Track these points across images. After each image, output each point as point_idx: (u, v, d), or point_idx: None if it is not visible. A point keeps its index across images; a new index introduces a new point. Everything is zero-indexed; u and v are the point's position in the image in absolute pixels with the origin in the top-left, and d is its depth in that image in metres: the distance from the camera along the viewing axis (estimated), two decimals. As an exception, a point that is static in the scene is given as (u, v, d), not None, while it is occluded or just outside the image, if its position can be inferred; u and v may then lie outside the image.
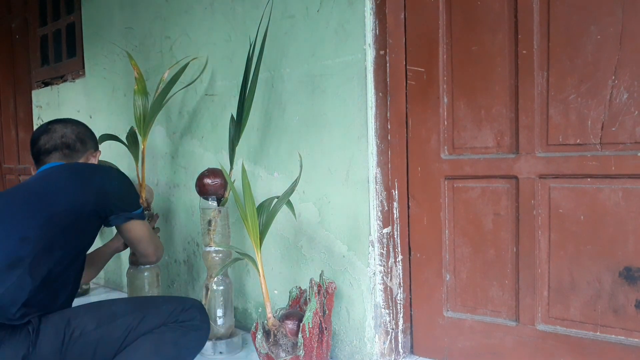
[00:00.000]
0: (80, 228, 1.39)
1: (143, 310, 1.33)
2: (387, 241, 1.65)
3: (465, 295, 1.62)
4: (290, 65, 1.78)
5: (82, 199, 1.40)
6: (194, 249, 2.28)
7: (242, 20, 1.94)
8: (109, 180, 1.48)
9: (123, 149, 2.24)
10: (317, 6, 1.68)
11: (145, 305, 1.36)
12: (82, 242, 1.43)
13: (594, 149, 1.38)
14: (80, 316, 1.26)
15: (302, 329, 1.47)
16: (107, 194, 1.44)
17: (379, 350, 1.63)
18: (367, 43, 1.57)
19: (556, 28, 1.40)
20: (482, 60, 1.52)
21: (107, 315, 1.29)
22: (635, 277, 1.35)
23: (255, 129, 1.92)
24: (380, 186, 1.62)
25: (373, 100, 1.59)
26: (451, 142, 1.61)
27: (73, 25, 3.05)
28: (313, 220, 1.75)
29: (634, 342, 1.36)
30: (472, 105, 1.55)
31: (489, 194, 1.55)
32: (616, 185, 1.35)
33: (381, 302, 1.63)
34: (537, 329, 1.50)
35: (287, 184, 1.68)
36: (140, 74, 2.02)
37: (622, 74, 1.32)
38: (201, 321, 1.40)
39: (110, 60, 2.66)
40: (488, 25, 1.51)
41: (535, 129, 1.45)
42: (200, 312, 1.41)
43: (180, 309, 1.36)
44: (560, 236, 1.45)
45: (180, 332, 1.34)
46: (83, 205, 1.39)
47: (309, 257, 1.78)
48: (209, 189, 1.80)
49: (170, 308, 1.35)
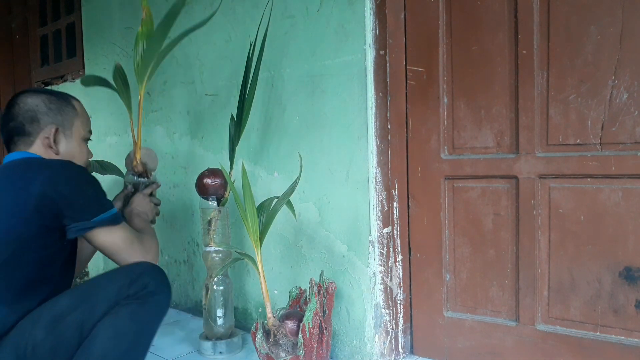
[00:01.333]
0: (27, 261, 1.15)
1: (89, 299, 1.17)
2: (387, 241, 1.65)
3: (465, 295, 1.62)
4: (290, 65, 1.78)
5: (18, 220, 1.12)
6: (194, 249, 2.28)
7: (242, 20, 1.94)
8: (51, 185, 1.14)
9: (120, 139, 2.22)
10: (317, 6, 1.68)
11: (90, 292, 1.20)
12: (39, 278, 1.17)
13: (594, 149, 1.38)
14: (28, 331, 1.13)
15: (302, 329, 1.46)
16: (53, 203, 1.13)
17: (379, 350, 1.63)
18: (367, 43, 1.57)
19: (556, 28, 1.40)
20: (482, 60, 1.52)
21: (52, 319, 1.14)
22: (635, 277, 1.35)
23: (255, 129, 1.92)
24: (380, 186, 1.62)
25: (373, 100, 1.59)
26: (451, 142, 1.61)
27: (73, 25, 3.05)
28: (313, 220, 1.75)
29: (634, 342, 1.36)
30: (472, 105, 1.55)
31: (489, 194, 1.55)
32: (616, 185, 1.35)
33: (381, 302, 1.63)
34: (537, 329, 1.50)
35: (287, 184, 1.68)
36: (149, 15, 1.60)
37: (622, 74, 1.32)
38: (156, 285, 1.22)
39: (110, 60, 2.66)
40: (488, 25, 1.51)
41: (535, 129, 1.45)
42: (152, 277, 1.22)
43: (129, 282, 1.19)
44: (560, 236, 1.45)
45: (136, 304, 1.18)
46: (23, 229, 1.13)
47: (309, 257, 1.78)
48: (209, 189, 1.80)
49: (117, 285, 1.19)
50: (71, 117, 1.30)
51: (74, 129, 1.30)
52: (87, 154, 1.36)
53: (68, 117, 1.29)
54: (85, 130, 1.34)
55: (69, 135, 1.29)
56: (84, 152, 1.35)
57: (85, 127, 1.35)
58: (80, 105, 1.35)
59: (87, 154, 1.36)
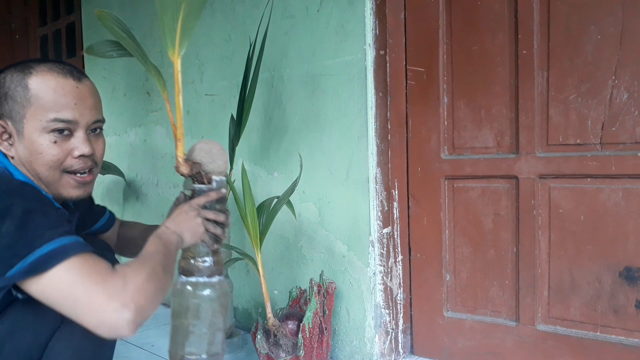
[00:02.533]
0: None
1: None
2: (387, 241, 1.65)
3: (465, 295, 1.62)
4: (290, 65, 1.78)
5: None
6: (194, 249, 2.28)
7: (242, 20, 1.94)
8: None
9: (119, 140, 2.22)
10: (317, 6, 1.68)
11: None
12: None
13: (594, 149, 1.38)
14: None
15: (302, 329, 1.46)
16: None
17: (379, 351, 1.63)
18: (367, 43, 1.57)
19: (556, 28, 1.40)
20: (482, 60, 1.52)
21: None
22: (635, 277, 1.35)
23: (255, 129, 1.92)
24: (380, 186, 1.62)
25: (373, 100, 1.59)
26: (451, 142, 1.61)
27: (73, 25, 3.05)
28: (313, 220, 1.75)
29: (634, 342, 1.36)
30: (472, 105, 1.55)
31: (489, 194, 1.55)
32: (616, 185, 1.35)
33: (381, 302, 1.63)
34: (537, 329, 1.50)
35: (287, 184, 1.68)
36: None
37: (622, 74, 1.32)
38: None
39: (110, 60, 2.66)
40: (488, 25, 1.50)
41: (536, 129, 1.45)
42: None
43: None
44: (560, 236, 1.45)
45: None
46: None
47: (309, 257, 1.78)
48: (209, 189, 1.79)
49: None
50: (20, 105, 0.90)
51: (25, 121, 0.90)
52: (54, 151, 0.92)
53: (16, 106, 0.90)
54: (46, 116, 0.90)
55: (20, 130, 0.91)
56: (45, 149, 0.91)
57: (47, 111, 0.90)
58: (42, 79, 0.91)
59: (54, 151, 0.92)
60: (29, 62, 0.93)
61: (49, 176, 0.93)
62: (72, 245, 0.81)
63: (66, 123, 0.92)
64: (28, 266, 0.79)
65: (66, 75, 0.93)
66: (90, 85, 0.97)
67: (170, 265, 0.91)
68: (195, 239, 0.99)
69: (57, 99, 0.91)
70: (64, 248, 0.80)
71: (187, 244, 0.98)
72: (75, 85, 0.93)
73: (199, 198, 1.02)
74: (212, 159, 1.05)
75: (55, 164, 0.93)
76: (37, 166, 0.92)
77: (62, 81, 0.92)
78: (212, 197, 1.03)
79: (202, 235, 1.00)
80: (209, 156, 1.05)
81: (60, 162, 0.93)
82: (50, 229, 0.81)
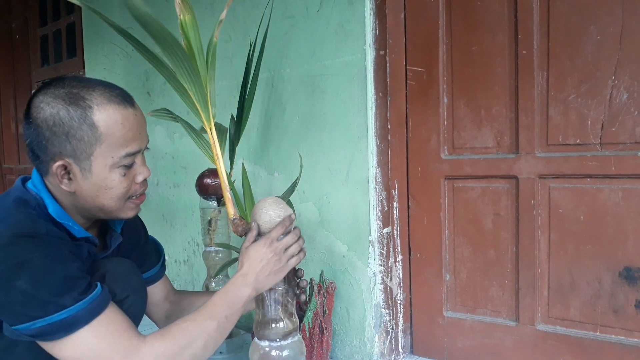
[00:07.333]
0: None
1: None
2: (387, 241, 1.65)
3: (465, 295, 1.62)
4: (290, 66, 1.79)
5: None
6: (194, 249, 2.28)
7: (242, 20, 1.94)
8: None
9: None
10: (317, 6, 1.68)
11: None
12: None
13: (594, 149, 1.38)
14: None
15: (302, 329, 1.46)
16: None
17: (379, 350, 1.63)
18: (367, 43, 1.57)
19: (556, 28, 1.40)
20: (482, 60, 1.52)
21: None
22: (635, 277, 1.35)
23: (255, 129, 1.92)
24: (380, 186, 1.62)
25: (373, 101, 1.59)
26: (451, 142, 1.61)
27: (73, 25, 3.05)
28: (313, 220, 1.75)
29: (634, 342, 1.36)
30: (472, 105, 1.55)
31: (489, 194, 1.55)
32: (616, 185, 1.36)
33: (381, 302, 1.64)
34: (537, 329, 1.50)
35: (287, 184, 1.68)
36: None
37: (622, 74, 1.32)
38: None
39: (110, 60, 2.66)
40: (488, 25, 1.51)
41: (535, 129, 1.45)
42: None
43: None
44: (560, 236, 1.45)
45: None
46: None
47: (309, 257, 1.78)
48: (209, 189, 1.80)
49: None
50: (87, 144, 0.87)
51: (93, 159, 0.88)
52: (124, 184, 0.92)
53: (82, 145, 0.87)
54: (118, 153, 0.89)
55: (86, 167, 0.88)
56: (117, 183, 0.91)
57: (118, 148, 0.89)
58: (107, 114, 0.87)
59: (124, 184, 0.92)
60: (74, 88, 0.88)
61: (114, 206, 0.93)
62: (85, 313, 0.81)
63: (134, 156, 0.93)
64: (36, 330, 0.79)
65: (125, 105, 0.91)
66: (139, 109, 0.96)
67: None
68: (275, 278, 1.01)
69: (125, 134, 0.90)
70: (75, 319, 0.80)
71: (266, 289, 1.00)
72: (134, 113, 0.92)
73: (274, 230, 1.00)
74: (268, 219, 1.02)
75: (124, 196, 0.93)
76: (104, 200, 0.91)
77: (124, 112, 0.90)
78: (286, 224, 1.01)
79: (280, 270, 1.01)
80: (266, 217, 1.02)
81: (128, 192, 0.94)
82: (65, 292, 0.80)
